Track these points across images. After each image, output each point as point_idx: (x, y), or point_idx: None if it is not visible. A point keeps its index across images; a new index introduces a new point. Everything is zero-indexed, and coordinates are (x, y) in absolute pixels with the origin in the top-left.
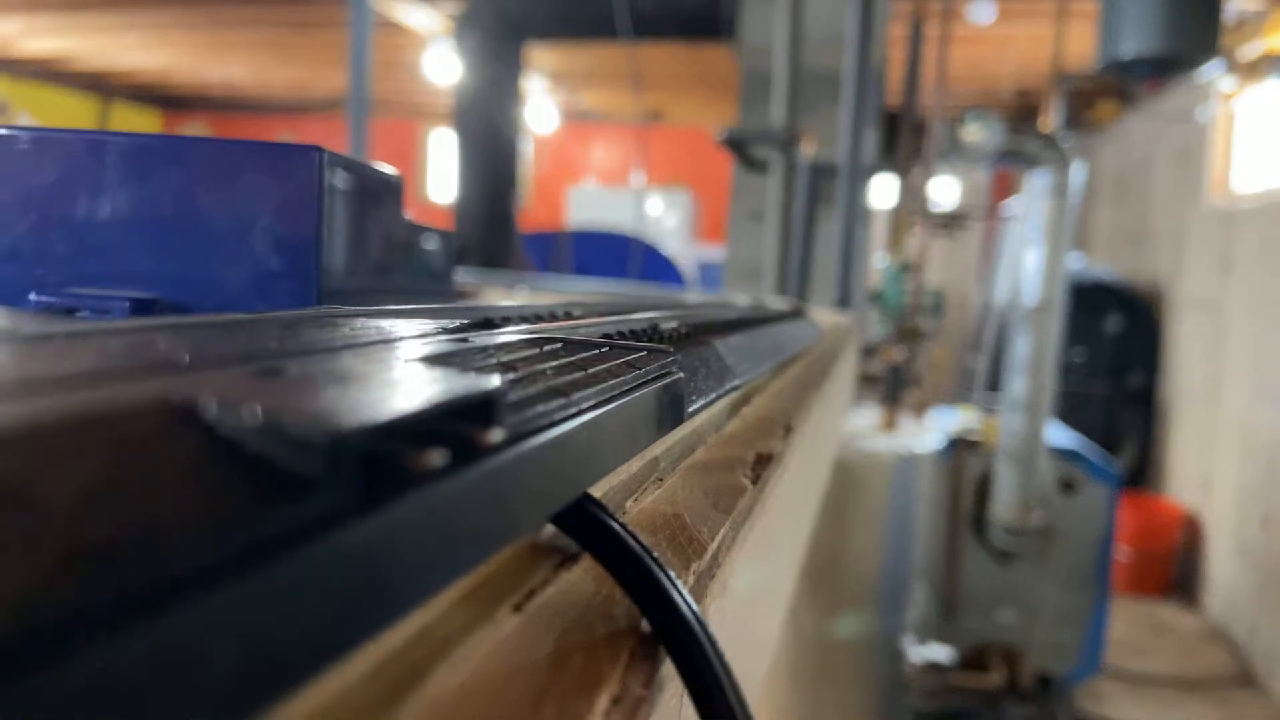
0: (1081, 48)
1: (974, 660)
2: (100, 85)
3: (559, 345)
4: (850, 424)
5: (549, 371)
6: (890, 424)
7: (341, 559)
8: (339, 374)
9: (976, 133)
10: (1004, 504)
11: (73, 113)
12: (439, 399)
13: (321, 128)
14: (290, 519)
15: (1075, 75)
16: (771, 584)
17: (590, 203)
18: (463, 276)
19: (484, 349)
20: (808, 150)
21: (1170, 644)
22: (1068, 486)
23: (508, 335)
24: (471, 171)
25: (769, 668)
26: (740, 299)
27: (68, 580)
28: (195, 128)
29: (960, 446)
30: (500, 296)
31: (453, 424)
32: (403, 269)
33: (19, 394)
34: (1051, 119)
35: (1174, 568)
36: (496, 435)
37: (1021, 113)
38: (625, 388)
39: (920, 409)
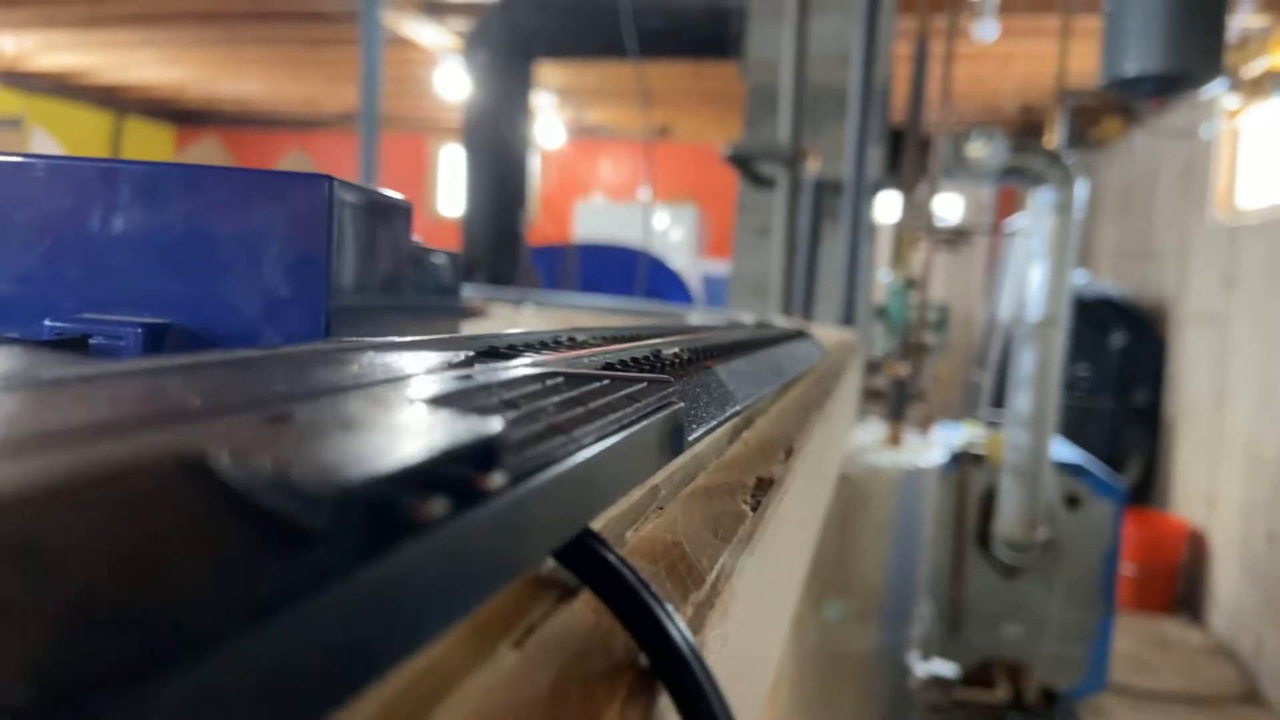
0: (1085, 65)
1: (979, 675)
2: (114, 100)
3: (560, 380)
4: (855, 439)
5: (550, 408)
6: (895, 439)
7: (347, 608)
8: (346, 419)
9: (981, 149)
10: (1009, 519)
11: (87, 128)
12: (443, 445)
13: (333, 143)
14: (298, 571)
15: (1079, 92)
16: (774, 604)
17: (598, 217)
18: (470, 293)
19: (487, 386)
20: (813, 166)
21: (1176, 660)
22: (1072, 502)
23: (511, 370)
24: (480, 187)
25: (773, 683)
26: (745, 317)
27: (79, 642)
28: (208, 143)
29: (965, 461)
30: (507, 316)
31: (456, 469)
32: (411, 291)
33: (30, 450)
34: (1055, 136)
35: (1179, 584)
36: (498, 480)
37: (1025, 129)
38: (625, 421)
39: (925, 424)
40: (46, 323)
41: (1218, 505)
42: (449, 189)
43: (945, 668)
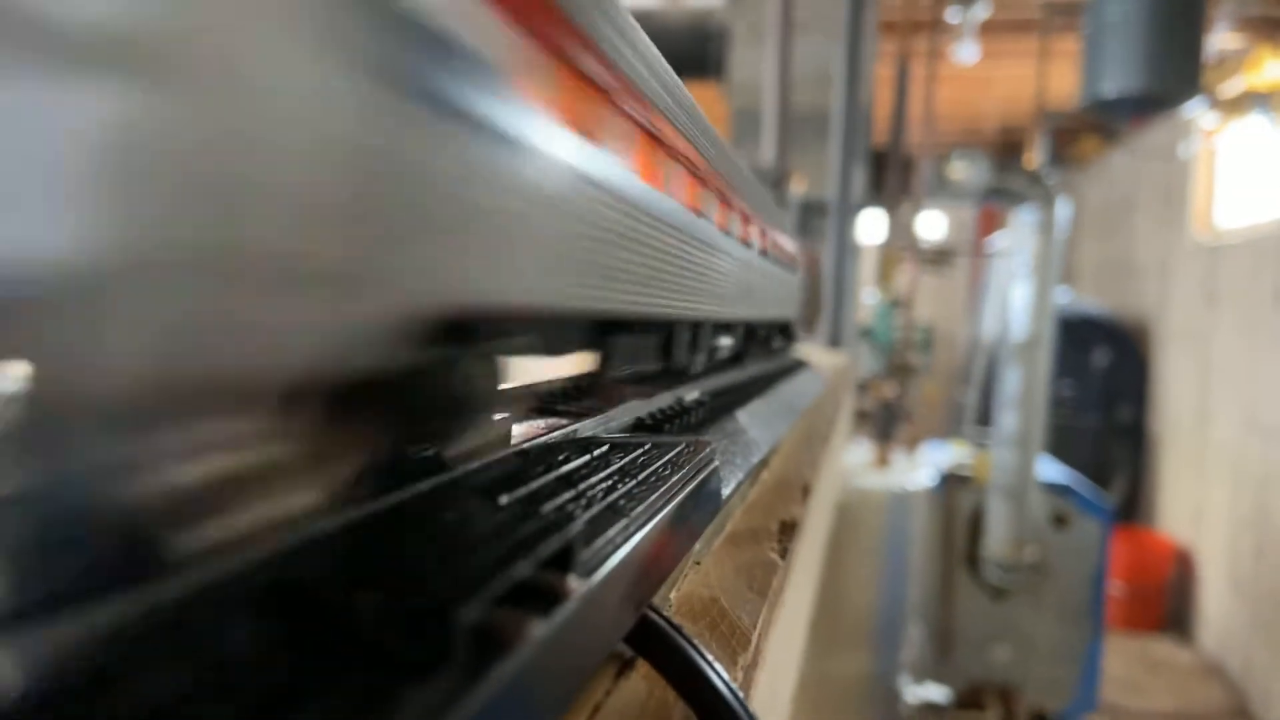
0: (1064, 86)
1: (970, 699)
2: None
3: (606, 448)
4: (845, 461)
5: (604, 486)
6: (883, 460)
7: None
8: (441, 530)
9: (962, 170)
10: (997, 539)
11: None
12: (528, 556)
13: None
14: (419, 698)
15: (1059, 113)
16: (793, 642)
17: None
18: None
19: (548, 467)
20: (798, 187)
21: (1165, 680)
22: (1060, 521)
23: (558, 435)
24: None
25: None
26: None
27: None
28: None
29: (952, 482)
30: None
31: (539, 575)
32: None
33: None
34: (1036, 156)
35: (1167, 602)
36: (576, 584)
37: (1006, 149)
38: (673, 492)
39: (912, 445)
40: None
41: (1204, 521)
42: None
43: (936, 692)
